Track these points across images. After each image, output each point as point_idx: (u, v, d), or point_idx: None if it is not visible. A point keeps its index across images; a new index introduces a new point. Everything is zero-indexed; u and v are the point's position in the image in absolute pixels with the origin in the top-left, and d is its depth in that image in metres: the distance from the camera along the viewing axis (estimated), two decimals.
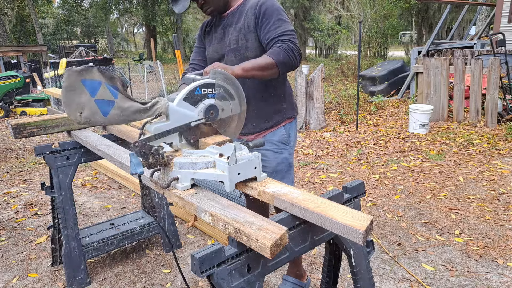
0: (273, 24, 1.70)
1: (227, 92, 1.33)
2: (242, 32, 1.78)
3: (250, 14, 1.76)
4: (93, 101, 1.10)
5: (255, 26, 1.75)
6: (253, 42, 1.77)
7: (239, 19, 1.81)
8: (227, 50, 1.84)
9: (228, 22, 1.86)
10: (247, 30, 1.77)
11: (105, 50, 28.25)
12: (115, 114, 1.13)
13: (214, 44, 1.93)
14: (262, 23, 1.72)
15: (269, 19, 1.71)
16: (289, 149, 1.97)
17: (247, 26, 1.77)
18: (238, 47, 1.80)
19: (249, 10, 1.78)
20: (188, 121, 1.25)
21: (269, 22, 1.70)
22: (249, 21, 1.77)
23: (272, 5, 1.74)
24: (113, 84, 1.10)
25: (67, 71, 1.05)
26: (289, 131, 1.96)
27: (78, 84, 1.06)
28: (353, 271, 1.36)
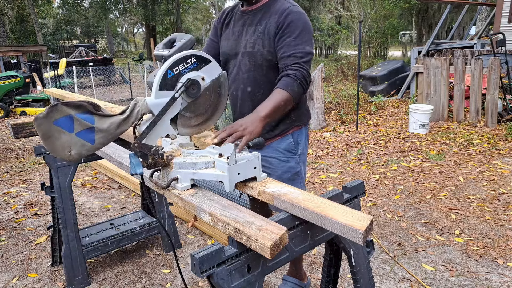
0: (293, 39, 1.62)
1: (199, 58, 1.23)
2: (260, 37, 1.70)
3: (273, 21, 1.67)
4: (75, 136, 1.07)
5: (274, 35, 1.67)
6: (269, 50, 1.69)
7: (261, 21, 1.72)
8: (242, 51, 1.76)
9: (249, 21, 1.76)
10: (266, 37, 1.69)
11: (105, 50, 28.25)
12: (101, 137, 1.11)
13: (230, 40, 1.83)
14: (283, 34, 1.64)
15: (290, 33, 1.63)
16: (297, 158, 1.86)
17: (267, 32, 1.69)
18: (253, 52, 1.72)
19: (273, 16, 1.68)
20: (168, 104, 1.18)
21: (290, 36, 1.63)
22: (270, 28, 1.68)
23: (298, 18, 1.65)
24: (83, 111, 1.07)
25: (34, 121, 1.02)
26: (297, 139, 1.86)
27: (52, 128, 1.04)
28: (353, 271, 1.36)
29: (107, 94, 12.60)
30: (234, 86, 1.84)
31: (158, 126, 1.18)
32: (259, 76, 1.76)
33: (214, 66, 1.26)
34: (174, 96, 1.17)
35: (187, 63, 1.20)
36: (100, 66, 14.46)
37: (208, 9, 43.06)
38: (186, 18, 37.73)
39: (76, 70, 10.74)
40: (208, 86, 1.26)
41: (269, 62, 1.71)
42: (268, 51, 1.69)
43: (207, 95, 1.27)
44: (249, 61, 1.74)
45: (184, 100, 1.21)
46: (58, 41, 30.86)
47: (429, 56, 8.31)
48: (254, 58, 1.73)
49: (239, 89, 1.82)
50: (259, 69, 1.74)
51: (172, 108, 1.19)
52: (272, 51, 1.69)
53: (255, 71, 1.75)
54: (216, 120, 1.33)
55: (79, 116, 1.07)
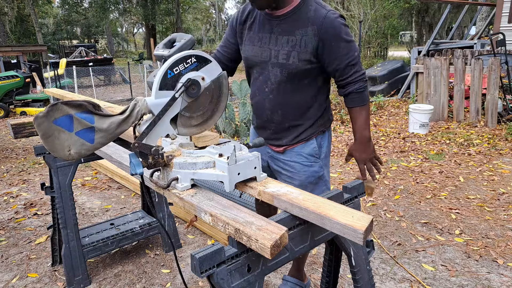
0: (343, 48, 1.60)
1: (199, 57, 1.22)
2: (296, 50, 1.61)
3: (311, 33, 1.59)
4: (74, 135, 1.07)
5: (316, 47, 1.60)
6: (305, 63, 1.64)
7: (294, 30, 1.62)
8: (273, 62, 1.68)
9: (279, 28, 1.65)
10: (303, 49, 1.61)
11: (105, 50, 28.26)
12: (101, 137, 1.11)
13: (255, 45, 1.73)
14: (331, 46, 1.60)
15: (338, 44, 1.59)
16: (320, 162, 1.84)
17: (305, 45, 1.60)
18: (287, 64, 1.65)
19: (310, 26, 1.59)
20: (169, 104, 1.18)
21: (339, 47, 1.60)
22: (307, 39, 1.60)
23: (339, 26, 1.59)
24: (83, 111, 1.07)
25: (34, 120, 1.02)
26: (320, 143, 1.84)
27: (52, 127, 1.04)
28: (353, 271, 1.36)
29: (107, 94, 12.60)
30: (261, 95, 1.78)
31: (158, 126, 1.18)
32: (291, 86, 1.70)
33: (214, 66, 1.26)
34: (174, 96, 1.17)
35: (187, 63, 1.20)
36: (100, 66, 14.47)
37: (208, 9, 43.06)
38: (186, 18, 37.74)
39: (76, 70, 10.74)
40: (208, 86, 1.26)
41: (305, 72, 1.67)
42: (304, 63, 1.64)
43: (207, 95, 1.27)
44: (281, 72, 1.68)
45: (184, 100, 1.21)
46: (58, 41, 30.86)
47: (429, 56, 8.31)
48: (287, 70, 1.66)
49: (267, 99, 1.76)
50: (293, 80, 1.69)
51: (172, 108, 1.19)
52: (307, 62, 1.64)
53: (288, 82, 1.69)
54: (216, 120, 1.33)
55: (79, 115, 1.07)
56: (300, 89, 1.72)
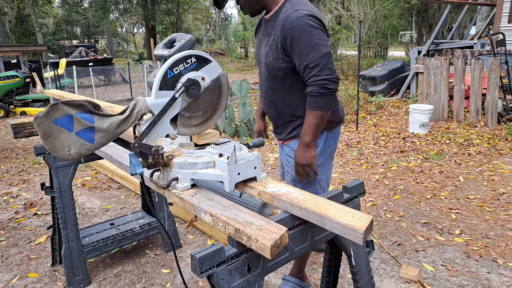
0: (303, 49, 1.63)
1: (199, 57, 1.23)
2: (271, 49, 1.75)
3: (278, 33, 1.69)
4: (74, 135, 1.07)
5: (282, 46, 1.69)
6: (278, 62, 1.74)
7: (272, 31, 1.75)
8: (262, 62, 1.86)
9: (266, 30, 1.82)
10: (274, 49, 1.73)
11: (105, 50, 28.25)
12: (101, 137, 1.11)
13: (256, 48, 1.96)
14: (291, 46, 1.66)
15: (298, 44, 1.64)
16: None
17: (275, 44, 1.72)
18: (267, 62, 1.79)
19: (278, 27, 1.69)
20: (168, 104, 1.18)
21: (299, 47, 1.64)
22: (277, 39, 1.70)
23: (301, 25, 1.62)
24: (83, 110, 1.07)
25: (34, 120, 1.02)
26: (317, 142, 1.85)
27: (52, 126, 1.04)
28: (353, 271, 1.36)
29: (107, 94, 12.60)
30: (261, 93, 1.98)
31: (158, 126, 1.18)
32: (275, 84, 1.84)
33: (214, 66, 1.26)
34: (174, 96, 1.17)
35: (187, 63, 1.20)
36: (100, 66, 14.46)
37: (208, 9, 43.06)
38: (186, 18, 37.74)
39: (76, 70, 10.74)
40: (208, 86, 1.26)
41: (283, 70, 1.76)
42: (277, 63, 1.74)
43: (207, 95, 1.27)
44: (266, 70, 1.83)
45: (184, 100, 1.21)
46: (58, 41, 30.85)
47: (429, 56, 8.31)
48: (268, 68, 1.80)
49: (264, 96, 1.96)
50: (274, 77, 1.82)
51: (172, 108, 1.19)
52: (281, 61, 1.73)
53: (271, 80, 1.84)
54: (216, 120, 1.33)
55: (79, 115, 1.07)
56: (285, 88, 1.82)
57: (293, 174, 1.90)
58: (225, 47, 32.54)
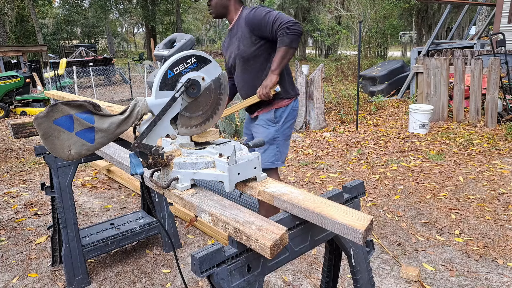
0: (264, 19, 2.18)
1: (199, 58, 1.23)
2: (240, 41, 2.32)
3: (243, 25, 2.28)
4: (75, 136, 1.07)
5: (250, 32, 2.25)
6: (249, 45, 2.29)
7: (238, 30, 2.34)
8: (233, 56, 2.40)
9: (232, 34, 2.41)
10: (243, 38, 2.30)
11: (105, 50, 28.24)
12: (101, 137, 1.11)
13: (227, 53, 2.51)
14: (259, 25, 2.21)
15: (260, 21, 2.19)
16: (276, 127, 2.40)
17: (242, 34, 2.29)
18: (239, 52, 2.34)
19: (241, 22, 2.29)
20: (168, 105, 1.19)
21: (261, 20, 2.19)
22: (243, 30, 2.28)
23: (256, 9, 2.23)
24: (83, 111, 1.07)
25: (34, 120, 1.02)
26: (281, 114, 2.39)
27: (52, 127, 1.04)
28: (353, 271, 1.36)
29: (107, 94, 12.61)
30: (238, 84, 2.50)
31: (158, 126, 1.18)
32: (247, 67, 2.36)
33: (214, 66, 1.26)
34: (174, 96, 1.17)
35: (187, 63, 1.20)
36: (100, 66, 14.47)
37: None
38: (186, 18, 37.72)
39: (76, 70, 10.74)
40: (208, 86, 1.26)
41: (252, 54, 2.30)
42: (247, 47, 2.29)
43: (207, 95, 1.27)
44: (238, 60, 2.37)
45: (184, 100, 1.22)
46: (58, 41, 30.84)
47: (429, 56, 8.31)
48: (240, 56, 2.35)
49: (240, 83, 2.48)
50: (247, 62, 2.35)
51: (172, 108, 1.19)
52: (252, 45, 2.27)
53: (245, 65, 2.36)
54: (216, 120, 1.33)
55: (79, 115, 1.07)
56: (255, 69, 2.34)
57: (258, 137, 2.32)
58: None
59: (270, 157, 2.41)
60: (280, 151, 2.44)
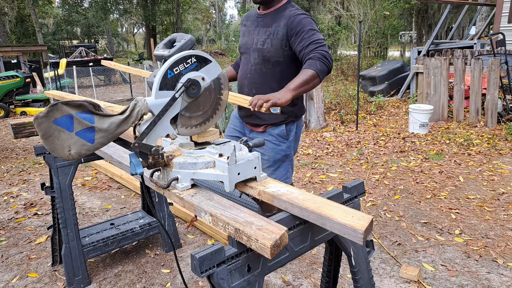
0: (306, 33, 1.91)
1: (199, 58, 1.23)
2: (270, 37, 2.02)
3: (283, 24, 1.98)
4: (75, 136, 1.07)
5: (286, 35, 1.98)
6: (277, 48, 2.01)
7: (271, 24, 2.04)
8: (253, 48, 2.10)
9: (262, 23, 2.10)
10: (275, 36, 2.01)
11: (105, 50, 28.24)
12: (101, 137, 1.11)
13: (245, 37, 2.19)
14: (297, 32, 1.94)
15: (302, 30, 1.92)
16: (287, 143, 2.19)
17: (276, 33, 2.00)
18: (262, 48, 2.05)
19: (282, 20, 1.99)
20: (168, 105, 1.19)
21: (303, 32, 1.92)
22: (279, 29, 2.00)
23: (305, 18, 1.97)
24: (83, 111, 1.07)
25: (34, 120, 1.02)
26: (290, 128, 2.20)
27: (52, 127, 1.04)
28: (353, 271, 1.36)
29: (107, 94, 12.61)
30: (243, 75, 2.20)
31: (158, 126, 1.18)
32: (264, 69, 2.08)
33: (214, 66, 1.26)
34: (174, 96, 1.17)
35: (187, 63, 1.20)
36: (100, 66, 14.46)
37: (208, 9, 43.07)
38: (186, 18, 37.74)
39: (76, 70, 10.74)
40: (208, 86, 1.26)
41: (275, 58, 2.04)
42: (275, 49, 2.01)
43: (207, 95, 1.27)
44: (258, 56, 2.08)
45: (184, 100, 1.22)
46: (58, 41, 30.83)
47: (429, 56, 8.31)
48: (261, 53, 2.06)
49: (246, 78, 2.17)
50: (266, 63, 2.07)
51: (172, 108, 1.19)
52: (279, 49, 2.01)
53: (262, 64, 2.08)
54: (216, 120, 1.33)
55: (79, 115, 1.07)
56: (272, 73, 2.07)
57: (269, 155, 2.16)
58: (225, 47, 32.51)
59: (283, 174, 2.21)
60: (292, 166, 2.27)
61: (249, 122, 2.23)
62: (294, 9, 2.01)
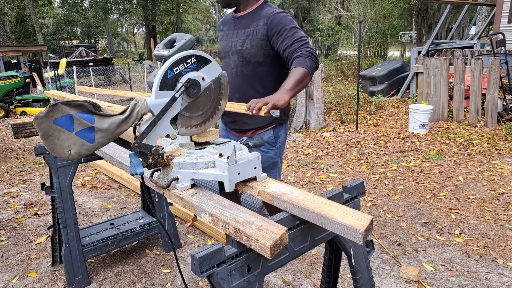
0: (289, 31, 1.87)
1: (199, 58, 1.23)
2: (249, 38, 1.98)
3: (262, 24, 1.95)
4: (75, 136, 1.07)
5: (266, 35, 1.93)
6: (257, 48, 1.96)
7: (249, 24, 2.00)
8: (232, 50, 2.04)
9: (239, 25, 2.05)
10: (254, 36, 1.96)
11: (105, 50, 28.24)
12: (101, 137, 1.11)
13: (223, 41, 2.13)
14: (278, 31, 1.89)
15: (284, 29, 1.88)
16: (275, 150, 2.13)
17: (256, 33, 1.96)
18: (242, 49, 1.99)
19: (261, 19, 1.95)
20: (168, 105, 1.18)
21: (285, 31, 1.88)
22: (259, 29, 1.95)
23: (285, 16, 1.92)
24: (83, 111, 1.07)
25: (34, 120, 1.02)
26: (278, 133, 2.13)
27: (52, 127, 1.04)
28: (353, 271, 1.36)
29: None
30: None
31: (158, 126, 1.18)
32: (245, 71, 2.02)
33: (214, 66, 1.26)
34: (174, 96, 1.17)
35: (187, 63, 1.20)
36: (100, 66, 14.47)
37: (208, 9, 43.07)
38: (186, 18, 37.73)
39: (76, 70, 10.74)
40: (208, 86, 1.26)
41: (256, 59, 1.98)
42: (255, 49, 1.96)
43: (207, 95, 1.27)
44: (238, 58, 2.02)
45: (184, 100, 1.22)
46: (58, 41, 30.83)
47: (429, 56, 8.31)
48: (241, 55, 2.00)
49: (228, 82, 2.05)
50: (247, 64, 2.01)
51: (172, 108, 1.19)
52: (259, 49, 1.96)
53: (243, 66, 2.02)
54: (216, 120, 1.33)
55: (79, 115, 1.07)
56: (255, 74, 2.01)
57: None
58: None
59: None
60: (279, 174, 2.21)
61: (235, 128, 2.14)
62: (271, 8, 1.98)
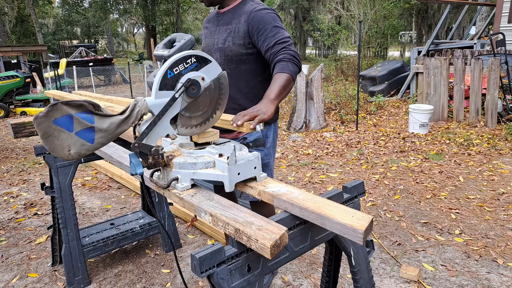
0: (270, 31, 1.81)
1: (199, 58, 1.23)
2: (231, 35, 1.91)
3: (243, 20, 1.87)
4: (74, 135, 1.07)
5: (247, 32, 1.86)
6: (239, 46, 1.90)
7: (231, 21, 1.93)
8: (214, 48, 1.99)
9: (222, 21, 1.99)
10: (236, 34, 1.90)
11: (105, 50, 28.24)
12: (101, 137, 1.11)
13: (206, 39, 2.08)
14: (259, 30, 1.82)
15: (265, 27, 1.81)
16: (265, 151, 2.04)
17: (237, 30, 1.89)
18: (224, 47, 1.93)
19: (242, 16, 1.88)
20: (168, 105, 1.18)
21: (266, 30, 1.81)
22: (240, 26, 1.88)
23: (267, 13, 1.84)
24: (83, 111, 1.07)
25: (34, 120, 1.02)
26: (266, 133, 2.06)
27: (52, 127, 1.04)
28: (353, 271, 1.36)
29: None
30: None
31: (158, 126, 1.18)
32: (228, 70, 1.94)
33: (214, 66, 1.26)
34: (174, 96, 1.17)
35: (187, 63, 1.20)
36: (100, 66, 14.47)
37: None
38: (186, 18, 37.73)
39: (76, 70, 10.74)
40: (208, 86, 1.26)
41: (239, 57, 1.92)
42: (237, 47, 1.90)
43: (207, 95, 1.27)
44: (220, 56, 1.95)
45: (184, 100, 1.22)
46: (58, 41, 30.84)
47: (429, 56, 8.31)
48: (223, 53, 1.94)
49: None
50: (229, 63, 1.94)
51: (172, 108, 1.19)
52: (241, 46, 1.89)
53: (225, 65, 1.95)
54: (216, 120, 1.33)
55: (79, 115, 1.07)
56: (238, 71, 1.95)
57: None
58: None
59: None
60: (272, 176, 2.12)
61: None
62: (254, 3, 1.90)
